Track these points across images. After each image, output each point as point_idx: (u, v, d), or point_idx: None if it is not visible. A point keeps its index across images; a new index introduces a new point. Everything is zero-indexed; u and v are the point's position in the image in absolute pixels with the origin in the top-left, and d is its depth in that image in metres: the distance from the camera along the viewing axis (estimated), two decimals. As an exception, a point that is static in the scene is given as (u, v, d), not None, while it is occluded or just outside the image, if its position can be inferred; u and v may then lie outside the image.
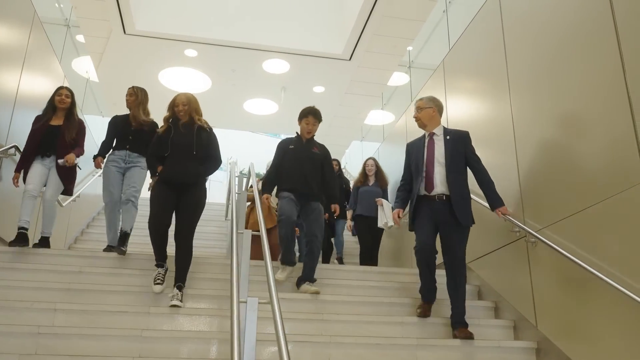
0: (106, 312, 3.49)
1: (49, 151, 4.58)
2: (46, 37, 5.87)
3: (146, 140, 4.62)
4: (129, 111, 4.88)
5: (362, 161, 6.90)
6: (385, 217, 5.90)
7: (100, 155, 4.80)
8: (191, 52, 9.98)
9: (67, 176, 4.61)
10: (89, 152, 5.07)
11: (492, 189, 3.87)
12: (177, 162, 4.03)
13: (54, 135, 4.61)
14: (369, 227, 6.19)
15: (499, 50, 4.44)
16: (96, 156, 4.80)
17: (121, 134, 4.80)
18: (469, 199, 3.89)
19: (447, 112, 5.15)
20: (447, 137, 3.98)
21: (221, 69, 10.58)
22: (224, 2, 9.74)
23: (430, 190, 3.86)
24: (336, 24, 9.74)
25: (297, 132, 4.74)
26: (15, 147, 4.85)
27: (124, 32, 9.30)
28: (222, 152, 4.31)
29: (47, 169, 4.57)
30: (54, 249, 4.72)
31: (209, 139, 4.18)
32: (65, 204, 6.20)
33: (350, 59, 9.94)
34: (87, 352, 3.15)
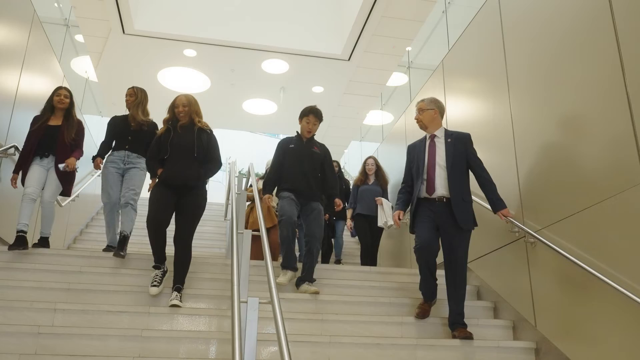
0: (106, 312, 3.48)
1: (48, 151, 4.56)
2: (46, 37, 5.87)
3: (145, 140, 4.62)
4: (128, 111, 4.86)
5: (361, 161, 6.86)
6: (385, 216, 5.87)
7: (99, 155, 4.77)
8: (190, 52, 9.99)
9: (65, 177, 4.60)
10: (87, 152, 5.07)
11: (494, 191, 3.82)
12: (177, 165, 3.99)
13: (53, 135, 4.59)
14: (369, 226, 6.15)
15: (498, 50, 4.45)
16: (95, 157, 4.78)
17: (120, 135, 4.77)
18: (470, 201, 3.85)
19: (447, 112, 5.14)
20: (449, 140, 3.93)
21: (220, 69, 10.59)
22: (223, 2, 9.75)
23: (431, 192, 3.84)
24: (335, 25, 9.76)
25: (297, 132, 4.71)
26: (14, 147, 4.84)
27: (123, 31, 9.31)
28: (221, 152, 4.26)
29: (46, 170, 4.55)
30: (53, 249, 4.72)
31: (209, 141, 4.13)
32: (64, 204, 6.20)
33: (349, 59, 9.96)
34: (87, 352, 3.15)
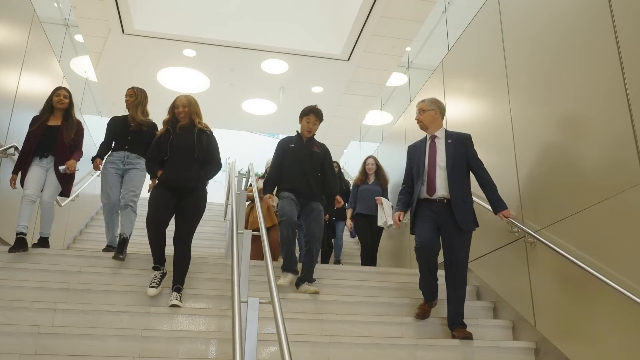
0: (106, 312, 3.48)
1: (47, 152, 4.55)
2: (45, 37, 5.86)
3: (145, 140, 4.61)
4: (127, 112, 4.85)
5: (360, 161, 6.85)
6: (385, 215, 5.85)
7: (98, 156, 4.76)
8: (190, 52, 9.98)
9: (65, 177, 4.59)
10: (87, 152, 5.06)
11: (495, 192, 3.80)
12: (176, 166, 3.98)
13: (52, 135, 4.58)
14: (369, 226, 6.13)
15: (497, 51, 4.45)
16: (94, 157, 4.77)
17: (120, 135, 4.76)
18: (471, 202, 3.83)
19: (446, 112, 5.14)
20: (449, 141, 3.92)
21: (220, 69, 10.58)
22: (222, 2, 9.74)
23: (431, 193, 3.82)
24: (335, 25, 9.76)
25: (297, 131, 4.69)
26: (14, 147, 4.83)
27: (123, 31, 9.30)
28: (220, 152, 4.24)
29: (45, 170, 4.53)
30: (53, 249, 4.72)
31: (209, 142, 4.12)
32: (63, 204, 6.20)
33: (348, 60, 9.96)
34: (87, 352, 3.15)
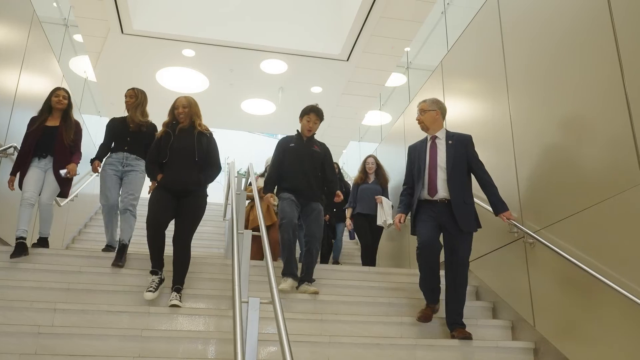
0: (106, 311, 3.49)
1: (46, 152, 4.53)
2: (45, 37, 5.86)
3: (144, 141, 4.59)
4: (127, 113, 4.82)
5: (359, 162, 6.83)
6: (384, 215, 5.82)
7: (97, 158, 4.74)
8: (189, 52, 9.98)
9: (64, 179, 4.56)
10: (86, 152, 5.05)
11: (495, 193, 3.79)
12: (176, 170, 3.97)
13: (51, 136, 4.56)
14: (369, 226, 6.09)
15: (497, 51, 4.46)
16: (93, 160, 4.74)
17: (119, 136, 4.73)
18: (472, 204, 3.81)
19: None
20: (450, 142, 3.90)
21: (219, 69, 10.58)
22: (221, 2, 9.74)
23: (433, 194, 3.80)
24: (334, 25, 9.77)
25: (297, 130, 4.67)
26: (14, 147, 4.82)
27: (122, 31, 9.29)
28: (220, 152, 4.24)
29: (43, 171, 4.51)
30: (53, 249, 4.72)
31: (209, 144, 4.11)
32: (63, 204, 6.19)
33: (347, 60, 9.97)
34: (87, 352, 3.15)
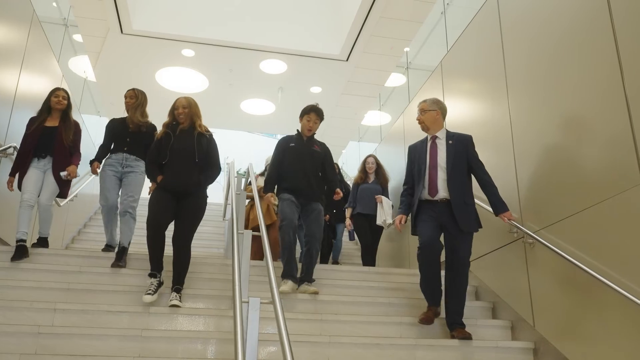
0: (106, 311, 3.49)
1: (45, 152, 4.52)
2: (45, 37, 5.86)
3: (144, 142, 4.57)
4: (126, 113, 4.79)
5: (359, 162, 6.82)
6: (384, 214, 5.80)
7: (97, 160, 4.72)
8: (188, 52, 9.98)
9: (63, 180, 4.54)
10: (85, 152, 5.05)
11: (495, 194, 3.79)
12: (176, 171, 3.97)
13: (50, 136, 4.55)
14: (370, 226, 6.07)
15: (497, 51, 4.47)
16: (92, 161, 4.71)
17: (119, 137, 4.70)
18: (472, 204, 3.81)
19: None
20: (450, 142, 3.90)
21: (218, 69, 10.58)
22: (221, 2, 9.74)
23: (433, 194, 3.79)
24: (333, 25, 9.77)
25: (297, 130, 4.67)
26: (14, 147, 4.82)
27: (121, 31, 9.28)
28: (219, 153, 4.23)
29: (42, 172, 4.50)
30: (53, 249, 4.72)
31: (208, 145, 4.11)
32: (62, 204, 6.19)
33: (347, 60, 9.97)
34: (87, 351, 3.15)
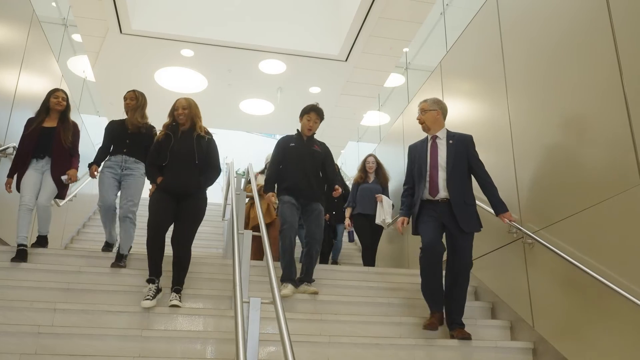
0: (106, 311, 3.49)
1: (44, 153, 4.51)
2: (44, 36, 5.86)
3: (144, 144, 4.53)
4: (126, 115, 4.74)
5: (358, 162, 6.80)
6: (383, 214, 5.78)
7: (95, 163, 4.67)
8: (187, 52, 9.98)
9: (62, 181, 4.54)
10: (85, 151, 5.04)
11: (495, 194, 3.79)
12: (176, 173, 3.95)
13: (48, 137, 4.53)
14: (370, 226, 6.04)
15: (496, 52, 4.48)
16: (91, 164, 4.66)
17: (118, 139, 4.65)
18: (473, 204, 3.81)
19: (444, 114, 5.17)
20: (450, 141, 3.90)
21: (217, 69, 10.58)
22: (220, 2, 9.74)
23: (434, 194, 3.79)
24: (333, 25, 9.78)
25: (297, 130, 4.65)
26: (13, 147, 4.81)
27: (120, 31, 9.29)
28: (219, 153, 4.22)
29: (41, 173, 4.49)
30: (53, 249, 4.72)
31: (208, 147, 4.09)
32: (62, 204, 6.18)
33: (346, 60, 9.98)
34: (87, 351, 3.16)
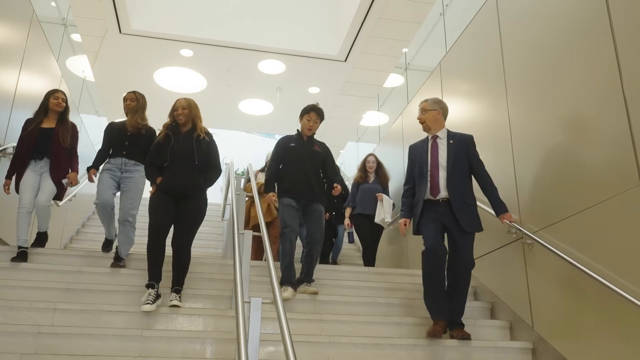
0: (106, 311, 3.49)
1: (42, 154, 4.50)
2: (44, 36, 5.86)
3: (144, 145, 4.47)
4: (126, 116, 4.70)
5: (357, 162, 6.79)
6: (383, 212, 5.77)
7: (94, 167, 4.62)
8: (187, 52, 9.97)
9: (60, 182, 4.53)
10: (84, 151, 5.04)
11: (495, 195, 3.78)
12: (176, 173, 3.94)
13: (47, 137, 4.52)
14: (370, 226, 6.03)
15: (495, 52, 4.49)
16: (90, 168, 4.62)
17: (117, 141, 4.59)
18: (473, 204, 3.80)
19: (444, 114, 5.18)
20: (451, 141, 3.90)
21: (217, 69, 10.58)
22: (220, 2, 9.74)
23: (435, 194, 3.78)
24: (332, 25, 9.78)
25: (297, 130, 4.64)
26: (13, 147, 4.80)
27: (120, 31, 9.28)
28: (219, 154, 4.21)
29: (39, 175, 4.48)
30: (53, 249, 4.72)
31: (208, 147, 4.08)
32: (61, 204, 6.17)
33: (345, 60, 9.98)
34: (87, 351, 3.16)
